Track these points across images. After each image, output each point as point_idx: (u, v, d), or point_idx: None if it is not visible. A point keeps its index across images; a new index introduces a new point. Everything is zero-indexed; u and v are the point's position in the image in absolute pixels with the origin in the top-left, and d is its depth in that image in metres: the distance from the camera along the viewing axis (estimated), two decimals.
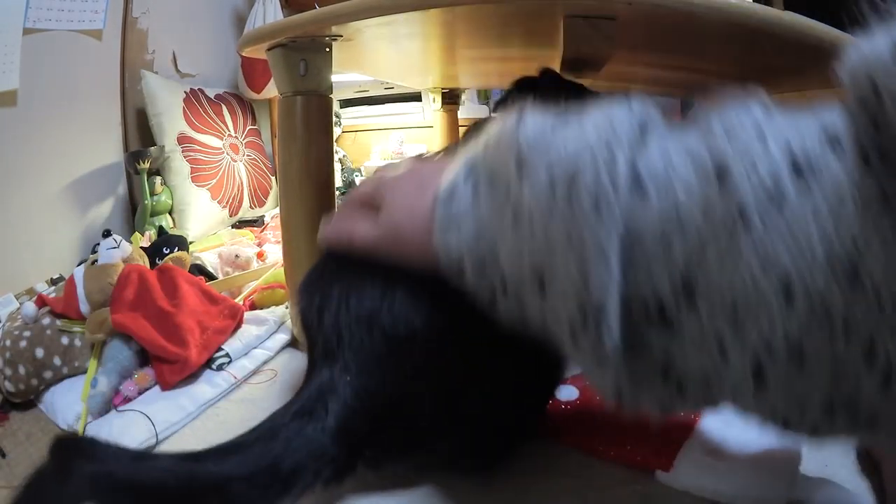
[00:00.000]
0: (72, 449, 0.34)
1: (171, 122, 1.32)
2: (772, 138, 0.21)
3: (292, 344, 0.79)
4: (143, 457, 0.37)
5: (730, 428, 0.49)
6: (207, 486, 0.35)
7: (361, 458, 0.40)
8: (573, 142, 0.25)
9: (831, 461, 0.46)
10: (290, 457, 0.36)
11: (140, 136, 1.35)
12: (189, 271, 0.86)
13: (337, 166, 1.63)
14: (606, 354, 0.24)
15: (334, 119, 1.22)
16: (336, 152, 1.59)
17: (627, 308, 0.24)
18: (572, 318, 0.25)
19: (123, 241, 0.79)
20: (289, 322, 0.81)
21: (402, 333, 0.38)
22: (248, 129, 1.58)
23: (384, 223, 0.35)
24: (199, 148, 1.37)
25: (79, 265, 0.77)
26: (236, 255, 1.02)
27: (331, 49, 0.68)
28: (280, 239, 0.83)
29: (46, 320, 0.69)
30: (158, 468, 0.35)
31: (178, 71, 1.47)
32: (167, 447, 0.57)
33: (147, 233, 1.19)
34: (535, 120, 0.28)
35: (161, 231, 1.16)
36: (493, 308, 0.30)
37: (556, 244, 0.25)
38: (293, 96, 0.68)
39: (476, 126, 0.72)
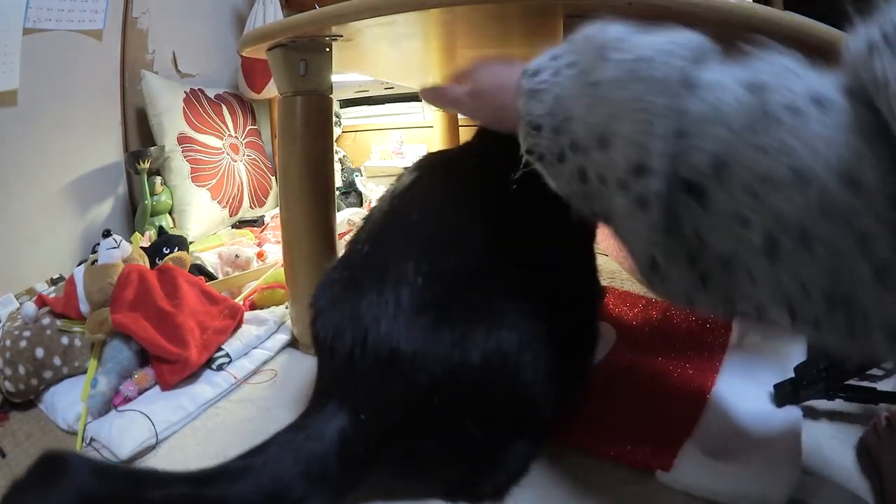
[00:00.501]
0: (70, 466, 0.33)
1: (171, 122, 1.32)
2: (799, 77, 0.28)
3: (292, 344, 0.79)
4: (147, 477, 0.37)
5: (730, 428, 0.50)
6: None
7: (364, 479, 0.40)
8: (648, 41, 0.33)
9: (831, 461, 0.46)
10: (298, 484, 0.37)
11: (140, 136, 1.35)
12: (189, 271, 0.86)
13: (337, 166, 1.63)
14: (650, 201, 0.30)
15: (334, 119, 1.22)
16: (336, 152, 1.59)
17: (672, 173, 0.29)
18: (625, 168, 0.31)
19: (123, 241, 0.79)
20: (289, 322, 0.81)
21: (423, 380, 0.38)
22: (248, 129, 1.58)
23: (473, 86, 0.44)
24: (199, 148, 1.37)
25: (79, 265, 0.77)
26: (236, 255, 1.01)
27: (331, 49, 0.68)
28: (280, 239, 0.83)
29: (46, 320, 0.69)
30: (165, 491, 0.35)
31: (178, 71, 1.47)
32: (167, 447, 0.57)
33: (147, 233, 1.19)
34: (618, 26, 0.35)
35: (161, 231, 1.16)
36: (557, 172, 0.36)
37: (624, 107, 0.31)
38: (293, 96, 0.68)
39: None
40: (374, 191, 1.58)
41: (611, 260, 1.06)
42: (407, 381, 0.38)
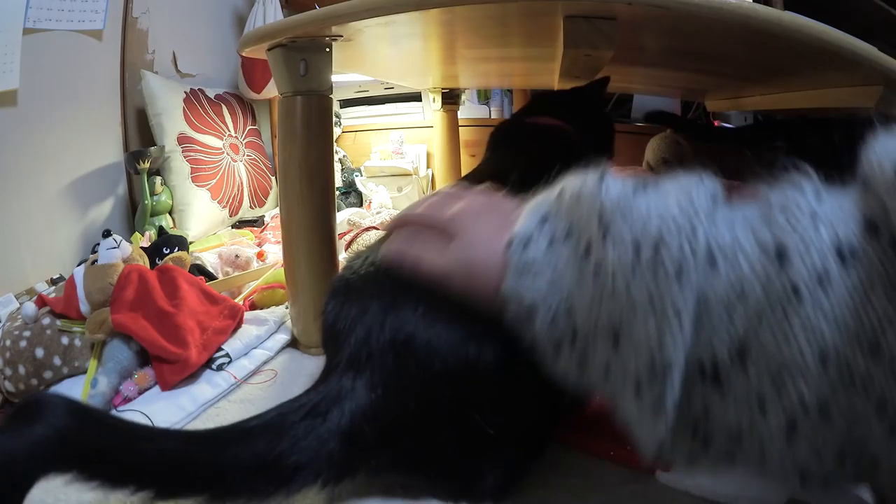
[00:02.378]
0: (63, 409, 0.32)
1: (171, 122, 1.32)
2: (822, 224, 0.25)
3: (292, 344, 0.79)
4: (141, 433, 0.36)
5: None
6: (206, 471, 0.35)
7: (364, 465, 0.40)
8: (655, 209, 0.28)
9: None
10: (295, 454, 0.36)
11: (140, 136, 1.35)
12: (189, 271, 0.86)
13: (337, 166, 1.63)
14: (665, 409, 0.27)
15: (334, 119, 1.22)
16: (336, 152, 1.59)
17: (691, 366, 0.26)
18: (641, 373, 0.27)
19: (123, 241, 0.79)
20: (289, 322, 0.81)
21: (436, 367, 0.38)
22: (248, 129, 1.58)
23: (459, 257, 0.36)
24: (199, 148, 1.37)
25: (79, 265, 0.77)
26: (236, 255, 1.02)
27: (331, 49, 0.68)
28: (280, 239, 0.83)
29: (46, 320, 0.69)
30: (158, 446, 0.35)
31: (178, 71, 1.47)
32: None
33: (147, 233, 1.19)
34: (616, 183, 0.30)
35: (161, 231, 1.16)
36: (552, 357, 0.32)
37: (637, 304, 0.27)
38: (293, 96, 0.68)
39: (504, 133, 0.71)
40: (374, 191, 1.58)
41: None
42: (420, 366, 0.38)
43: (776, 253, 0.25)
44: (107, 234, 0.78)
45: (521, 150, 0.73)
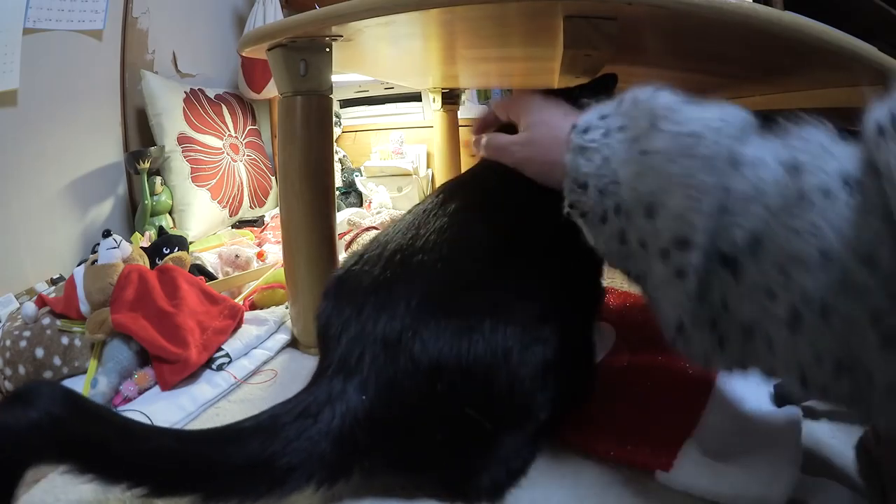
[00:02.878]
0: (59, 401, 0.32)
1: (171, 122, 1.32)
2: (831, 155, 0.30)
3: (292, 344, 0.79)
4: (136, 430, 0.37)
5: (729, 428, 0.49)
6: (200, 469, 0.35)
7: (357, 467, 0.40)
8: (697, 115, 0.34)
9: (831, 461, 0.46)
10: (287, 456, 0.36)
11: (140, 136, 1.35)
12: (189, 271, 0.86)
13: (337, 166, 1.63)
14: (687, 274, 0.32)
15: (334, 119, 1.22)
16: (336, 152, 1.59)
17: (711, 246, 0.31)
18: (669, 241, 0.33)
19: (123, 241, 0.79)
20: (289, 322, 0.81)
21: (429, 363, 0.38)
22: (248, 129, 1.58)
23: (529, 136, 0.45)
24: (199, 148, 1.37)
25: (79, 265, 0.77)
26: (236, 255, 1.02)
27: (331, 49, 0.68)
28: (280, 239, 0.83)
29: (46, 320, 0.69)
30: (153, 443, 0.35)
31: (178, 71, 1.47)
32: None
33: (147, 233, 1.19)
34: (667, 93, 0.37)
35: (161, 231, 1.16)
36: (597, 229, 0.38)
37: (672, 181, 0.33)
38: (293, 96, 0.68)
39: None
40: (374, 191, 1.58)
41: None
42: (412, 363, 0.38)
43: (791, 166, 0.30)
44: (107, 234, 0.78)
45: None
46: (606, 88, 0.58)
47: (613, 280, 0.94)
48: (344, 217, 1.24)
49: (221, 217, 1.41)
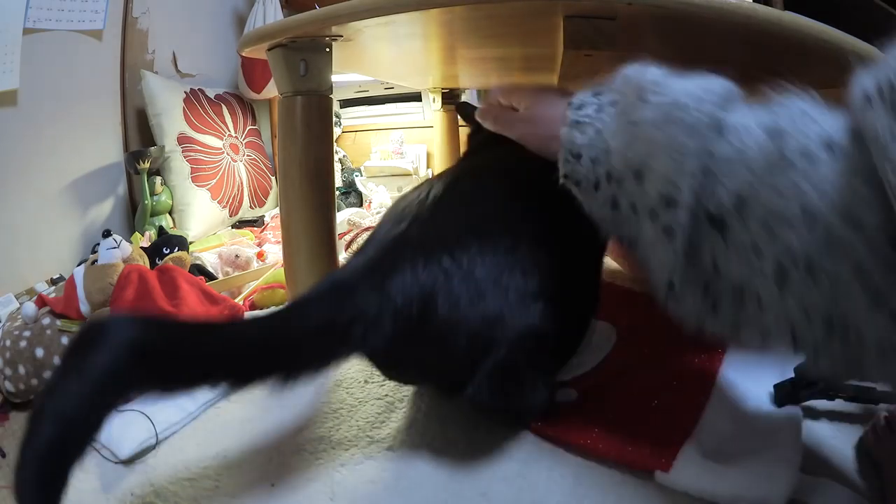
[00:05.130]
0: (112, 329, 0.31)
1: (171, 122, 1.32)
2: (812, 120, 0.31)
3: None
4: (207, 327, 0.38)
5: (729, 429, 0.49)
6: (275, 348, 0.38)
7: (409, 363, 0.44)
8: (681, 87, 0.36)
9: (831, 461, 0.46)
10: (349, 311, 0.39)
11: (140, 136, 1.35)
12: (189, 271, 0.86)
13: (337, 166, 1.63)
14: (675, 233, 0.34)
15: (334, 119, 1.22)
16: (336, 152, 1.59)
17: (697, 206, 0.33)
18: (657, 202, 0.35)
19: (123, 241, 0.79)
20: None
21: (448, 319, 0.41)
22: (248, 129, 1.58)
23: (531, 112, 0.48)
24: (199, 148, 1.37)
25: (79, 265, 0.77)
26: (236, 255, 1.02)
27: (331, 49, 0.68)
28: (280, 239, 0.83)
29: (46, 320, 0.69)
30: (227, 333, 0.37)
31: (178, 71, 1.47)
32: (167, 447, 0.57)
33: (147, 233, 1.19)
34: (654, 68, 0.39)
35: (161, 231, 1.16)
36: (591, 196, 0.40)
37: (658, 147, 0.35)
38: (293, 96, 0.68)
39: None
40: (374, 191, 1.58)
41: (610, 260, 1.05)
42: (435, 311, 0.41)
43: (773, 131, 0.32)
44: (107, 234, 0.78)
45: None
46: None
47: (613, 280, 0.94)
48: (344, 217, 1.24)
49: (221, 217, 1.41)
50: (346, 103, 1.83)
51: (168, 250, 0.97)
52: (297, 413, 0.62)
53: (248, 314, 0.81)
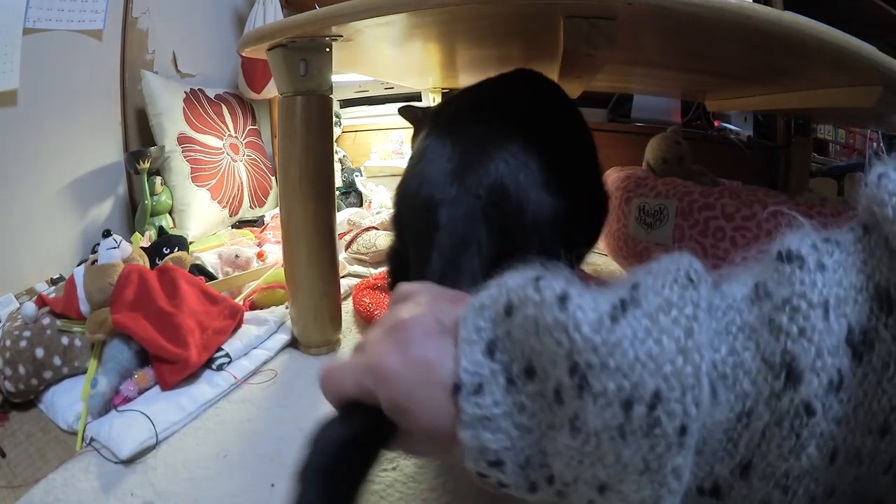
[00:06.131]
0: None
1: (171, 122, 1.32)
2: (832, 315, 0.22)
3: (292, 344, 0.79)
4: None
5: None
6: None
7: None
8: (644, 350, 0.22)
9: None
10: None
11: (140, 136, 1.35)
12: (189, 271, 0.86)
13: (337, 166, 1.63)
14: None
15: (334, 119, 1.22)
16: (336, 152, 1.58)
17: (686, 492, 0.23)
18: None
19: (123, 241, 0.79)
20: (289, 322, 0.81)
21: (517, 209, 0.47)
22: (248, 129, 1.58)
23: (388, 403, 0.26)
24: (199, 148, 1.37)
25: (79, 265, 0.77)
26: (236, 255, 1.02)
27: (331, 49, 0.68)
28: (280, 239, 0.83)
29: (46, 320, 0.69)
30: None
31: (178, 71, 1.47)
32: (167, 447, 0.57)
33: (147, 233, 1.19)
34: (585, 301, 0.23)
35: (161, 231, 1.16)
36: (527, 495, 0.27)
37: (629, 467, 0.22)
38: (293, 96, 0.68)
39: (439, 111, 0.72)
40: (374, 191, 1.58)
41: (610, 260, 1.06)
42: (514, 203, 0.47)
43: (785, 371, 0.22)
44: (107, 234, 0.78)
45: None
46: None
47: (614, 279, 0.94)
48: (344, 217, 1.24)
49: (221, 217, 1.41)
50: (346, 103, 1.83)
51: (168, 250, 0.97)
52: (297, 413, 0.62)
53: (248, 314, 0.81)
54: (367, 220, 1.24)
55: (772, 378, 0.22)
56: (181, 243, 1.02)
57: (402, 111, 0.79)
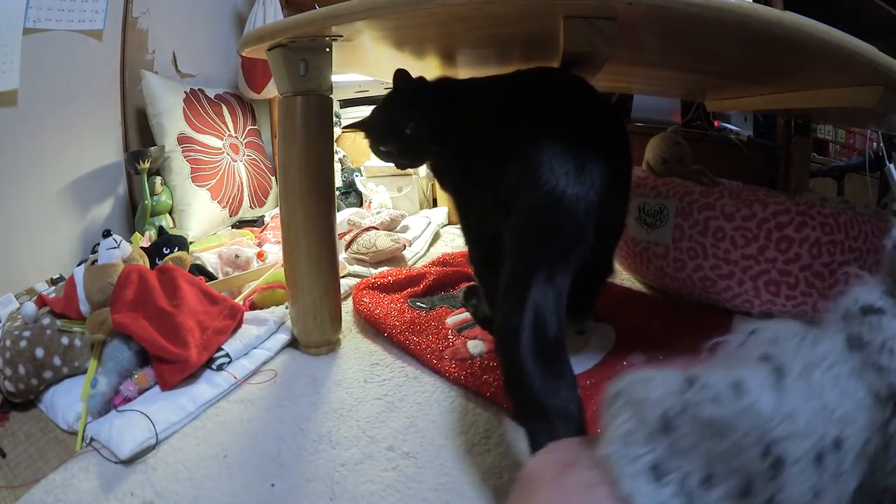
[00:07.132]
0: None
1: (171, 122, 1.32)
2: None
3: (292, 344, 0.79)
4: None
5: None
6: None
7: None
8: (813, 404, 0.23)
9: None
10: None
11: (140, 136, 1.35)
12: (189, 271, 0.86)
13: (337, 166, 1.63)
14: None
15: (334, 119, 1.22)
16: (336, 152, 1.58)
17: None
18: None
19: (123, 241, 0.79)
20: (289, 322, 0.81)
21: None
22: (248, 129, 1.58)
23: None
24: (199, 148, 1.37)
25: (79, 265, 0.77)
26: (236, 255, 1.01)
27: (331, 49, 0.68)
28: (280, 239, 0.83)
29: (46, 320, 0.69)
30: None
31: (178, 71, 1.47)
32: (167, 447, 0.57)
33: (147, 233, 1.19)
34: (756, 379, 0.24)
35: (161, 231, 1.16)
36: None
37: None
38: (293, 96, 0.68)
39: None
40: (374, 191, 1.58)
41: None
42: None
43: (892, 402, 0.25)
44: (107, 234, 0.78)
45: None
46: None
47: (613, 280, 0.94)
48: (344, 217, 1.24)
49: (221, 217, 1.41)
50: (346, 103, 1.83)
51: (168, 250, 0.97)
52: (297, 413, 0.62)
53: (248, 314, 0.81)
54: (367, 220, 1.24)
55: (880, 410, 0.24)
56: (181, 243, 1.02)
57: (398, 73, 0.75)
